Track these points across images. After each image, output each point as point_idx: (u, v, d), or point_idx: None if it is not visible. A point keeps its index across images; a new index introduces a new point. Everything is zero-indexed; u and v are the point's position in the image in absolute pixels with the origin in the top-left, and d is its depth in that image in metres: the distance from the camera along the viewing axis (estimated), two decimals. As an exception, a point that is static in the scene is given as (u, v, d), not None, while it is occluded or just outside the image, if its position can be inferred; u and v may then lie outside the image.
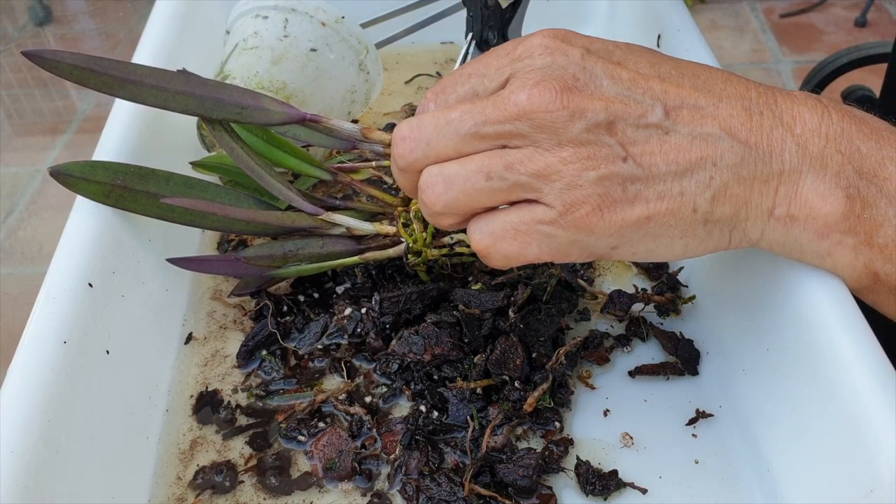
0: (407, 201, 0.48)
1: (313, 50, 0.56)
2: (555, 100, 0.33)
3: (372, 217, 0.49)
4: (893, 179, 0.35)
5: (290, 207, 0.48)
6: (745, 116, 0.35)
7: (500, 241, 0.35)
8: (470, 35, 0.53)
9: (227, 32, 0.60)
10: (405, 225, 0.47)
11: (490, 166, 0.34)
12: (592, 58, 0.35)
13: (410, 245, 0.47)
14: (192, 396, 0.47)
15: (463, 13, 0.62)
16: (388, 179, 0.51)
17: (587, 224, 0.34)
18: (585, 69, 0.34)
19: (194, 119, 0.55)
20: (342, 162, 0.56)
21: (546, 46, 0.35)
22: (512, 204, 0.35)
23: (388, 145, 0.49)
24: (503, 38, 0.54)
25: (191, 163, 0.51)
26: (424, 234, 0.47)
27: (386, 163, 0.49)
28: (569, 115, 0.33)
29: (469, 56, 0.54)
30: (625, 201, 0.34)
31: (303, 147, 0.50)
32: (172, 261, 0.48)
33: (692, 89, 0.35)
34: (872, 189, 0.35)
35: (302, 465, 0.43)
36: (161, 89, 0.45)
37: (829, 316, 0.37)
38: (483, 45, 0.53)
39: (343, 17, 0.57)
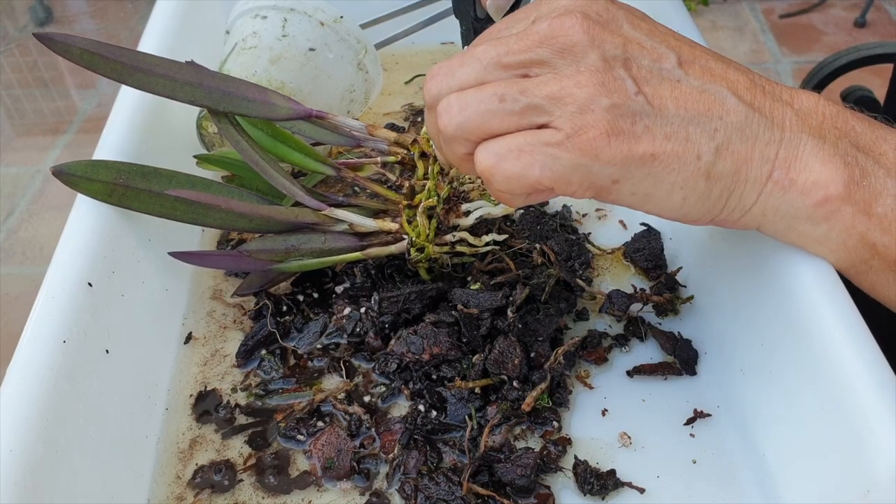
0: (410, 197, 0.48)
1: (312, 49, 0.56)
2: (576, 24, 0.35)
3: (375, 214, 0.49)
4: (889, 155, 0.36)
5: (294, 205, 0.48)
6: (750, 84, 0.37)
7: (504, 161, 0.35)
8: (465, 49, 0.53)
9: (227, 32, 0.60)
10: (408, 221, 0.47)
11: (505, 90, 0.35)
12: (615, 5, 0.37)
13: (414, 241, 0.47)
14: (191, 396, 0.47)
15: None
16: (392, 176, 0.51)
17: (593, 147, 0.34)
18: (609, 10, 0.36)
19: (195, 119, 0.55)
20: (346, 159, 0.56)
21: None
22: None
23: (393, 142, 0.49)
24: None
25: (195, 156, 0.51)
26: (428, 230, 0.47)
27: (390, 158, 0.49)
28: (589, 40, 0.35)
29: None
30: (632, 134, 0.34)
31: (312, 145, 0.50)
32: (175, 254, 0.48)
33: (703, 52, 0.37)
34: (870, 161, 0.36)
35: (301, 464, 0.43)
36: (170, 79, 0.45)
37: (827, 316, 0.37)
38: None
39: (342, 17, 0.57)
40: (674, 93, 0.35)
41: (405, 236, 0.47)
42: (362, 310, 0.49)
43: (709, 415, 0.44)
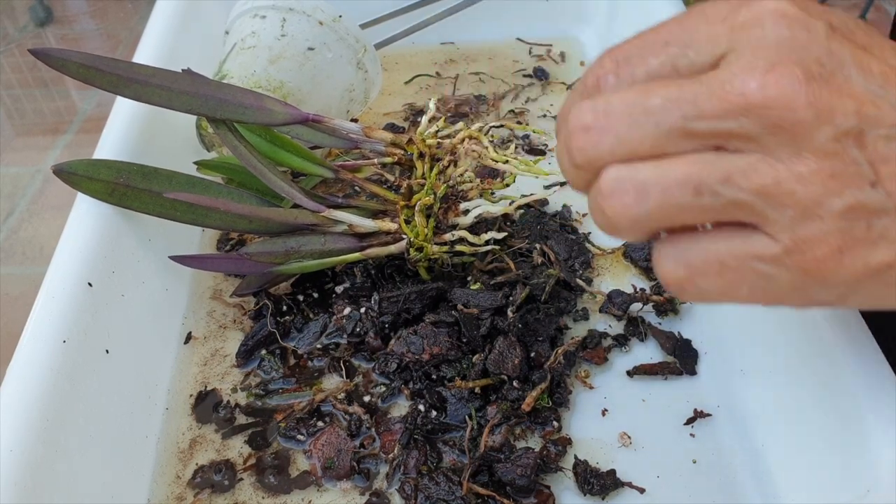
0: (409, 197, 0.48)
1: (311, 49, 0.56)
2: (799, 91, 0.25)
3: (374, 214, 0.49)
4: None
5: (293, 207, 0.48)
6: None
7: (701, 277, 0.27)
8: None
9: (227, 33, 0.60)
10: (406, 221, 0.47)
11: (701, 177, 0.26)
12: (838, 38, 0.26)
13: (413, 240, 0.47)
14: (191, 396, 0.47)
15: (463, 13, 0.62)
16: (390, 177, 0.52)
17: (821, 270, 0.26)
18: (832, 53, 0.26)
19: (193, 119, 0.55)
20: (344, 160, 0.56)
21: (782, 14, 0.26)
22: (717, 224, 0.27)
23: (390, 143, 0.49)
24: None
25: (195, 162, 0.51)
26: (426, 229, 0.47)
27: (387, 160, 0.49)
28: (815, 114, 0.25)
29: None
30: (868, 242, 0.26)
31: (311, 148, 0.50)
32: (175, 258, 0.48)
33: None
34: None
35: (301, 464, 0.43)
36: (165, 89, 0.45)
37: (827, 316, 0.37)
38: None
39: (340, 17, 0.57)
40: None
41: (404, 236, 0.47)
42: (362, 310, 0.49)
43: (709, 415, 0.44)
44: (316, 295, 0.51)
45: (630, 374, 0.47)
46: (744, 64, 0.26)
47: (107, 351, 0.42)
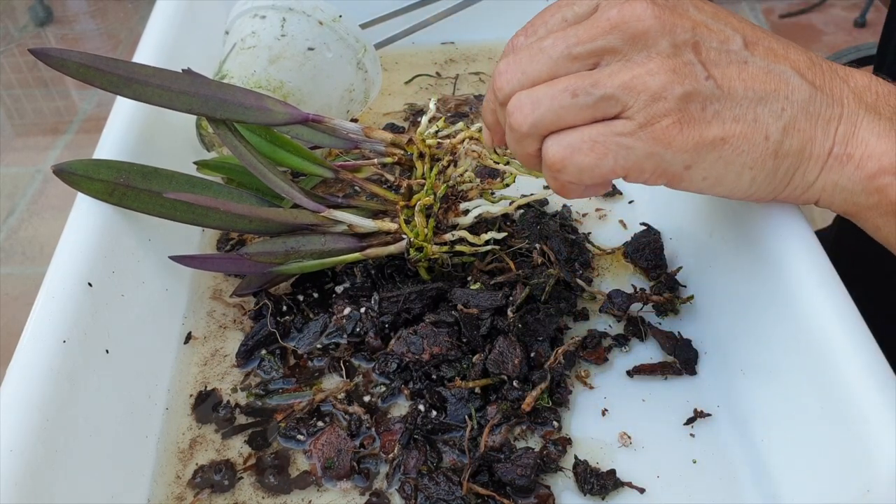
0: (409, 197, 0.48)
1: (311, 49, 0.56)
2: (647, 10, 0.35)
3: (374, 214, 0.49)
4: None
5: (293, 207, 0.48)
6: (810, 63, 0.37)
7: (577, 153, 0.35)
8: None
9: (227, 33, 0.60)
10: (406, 221, 0.47)
11: (577, 84, 0.35)
12: None
13: (412, 240, 0.47)
14: (191, 395, 0.47)
15: (463, 13, 0.62)
16: (390, 177, 0.52)
17: (666, 137, 0.35)
18: None
19: (193, 119, 0.55)
20: (344, 160, 0.56)
21: None
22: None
23: (390, 143, 0.49)
24: None
25: (195, 162, 0.51)
26: (426, 230, 0.47)
27: (387, 160, 0.49)
28: (660, 26, 0.35)
29: None
30: (703, 120, 0.35)
31: (311, 148, 0.50)
32: (175, 258, 0.48)
33: (764, 34, 0.38)
34: None
35: (301, 464, 0.43)
36: (165, 89, 0.45)
37: (827, 316, 0.37)
38: None
39: (340, 16, 0.57)
40: (741, 74, 0.35)
41: (404, 236, 0.47)
42: (362, 310, 0.49)
43: (709, 415, 0.44)
44: (316, 295, 0.51)
45: (630, 374, 0.47)
46: (609, 4, 0.36)
47: (107, 351, 0.42)
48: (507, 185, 0.48)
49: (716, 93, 0.35)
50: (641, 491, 0.41)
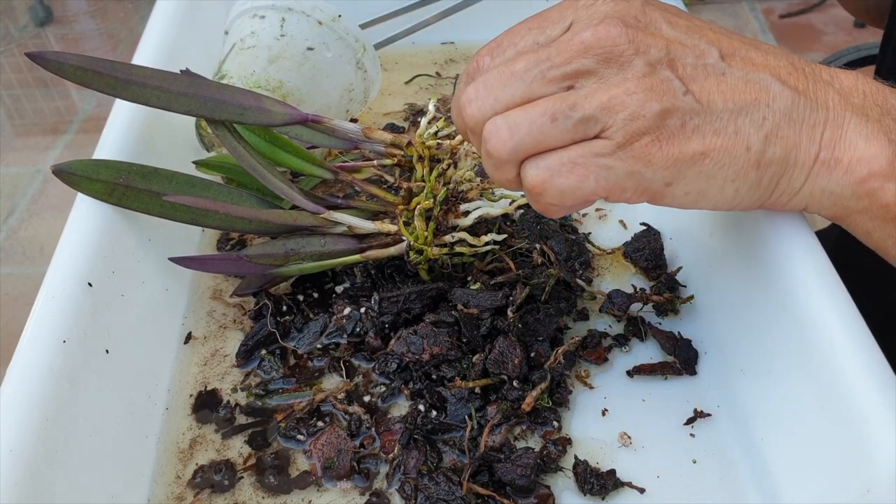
0: (408, 200, 0.48)
1: (310, 49, 0.56)
2: (620, 33, 0.34)
3: (373, 216, 0.49)
4: None
5: (293, 208, 0.48)
6: (791, 69, 0.37)
7: (557, 176, 0.35)
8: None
9: (226, 33, 0.60)
10: (406, 223, 0.47)
11: (555, 107, 0.34)
12: (651, 6, 0.36)
13: (412, 243, 0.47)
14: (191, 395, 0.47)
15: (463, 13, 0.62)
16: (390, 178, 0.51)
17: (645, 155, 0.34)
18: (646, 13, 0.36)
19: (193, 119, 0.55)
20: (344, 161, 0.56)
21: None
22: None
23: (389, 145, 0.49)
24: None
25: (194, 162, 0.51)
26: (426, 233, 0.47)
27: (387, 161, 0.49)
28: (634, 48, 0.34)
29: None
30: (682, 135, 0.35)
31: (308, 148, 0.50)
32: (175, 260, 0.48)
33: (741, 42, 0.37)
34: None
35: (301, 464, 0.43)
36: (164, 91, 0.45)
37: (827, 316, 0.37)
38: None
39: (340, 16, 0.57)
40: (720, 86, 0.35)
41: (404, 238, 0.47)
42: (362, 310, 0.49)
43: (709, 415, 0.44)
44: (316, 295, 0.51)
45: (630, 373, 0.47)
46: (581, 26, 0.35)
47: (107, 351, 0.42)
48: (507, 185, 0.48)
49: (695, 107, 0.35)
50: (641, 491, 0.41)
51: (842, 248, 0.61)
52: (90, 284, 0.42)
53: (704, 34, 0.37)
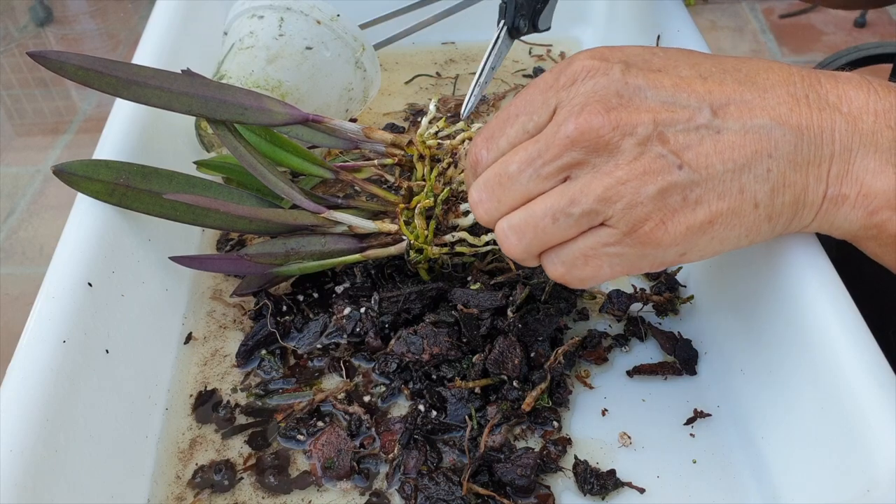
0: (409, 199, 0.48)
1: (309, 48, 0.56)
2: (602, 123, 0.34)
3: (374, 215, 0.49)
4: None
5: (293, 207, 0.48)
6: (793, 102, 0.35)
7: (574, 269, 0.36)
8: (502, 22, 0.54)
9: (225, 33, 0.60)
10: (406, 223, 0.47)
11: (554, 208, 0.35)
12: (633, 71, 0.35)
13: (412, 242, 0.47)
14: (191, 395, 0.47)
15: (463, 13, 0.62)
16: (390, 178, 0.52)
17: (652, 238, 0.34)
18: (627, 84, 0.35)
19: (193, 119, 0.55)
20: (344, 161, 0.56)
21: (587, 69, 0.35)
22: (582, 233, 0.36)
23: (390, 144, 0.49)
24: (534, 27, 0.54)
25: (195, 162, 0.51)
26: (426, 232, 0.47)
27: (388, 161, 0.49)
28: (620, 133, 0.34)
29: (499, 42, 0.54)
30: (686, 209, 0.34)
31: (308, 148, 0.50)
32: (175, 259, 0.48)
33: (736, 84, 0.35)
34: None
35: (301, 464, 0.43)
36: (165, 90, 0.45)
37: (827, 317, 0.37)
38: (514, 31, 0.54)
39: (338, 16, 0.57)
40: (717, 147, 0.34)
41: (404, 237, 0.47)
42: (362, 310, 0.49)
43: (709, 415, 0.44)
44: (316, 295, 0.51)
45: (630, 374, 0.47)
46: (564, 114, 0.35)
47: (107, 351, 0.42)
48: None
49: (693, 178, 0.34)
50: (641, 491, 0.41)
51: (843, 249, 0.61)
52: (90, 284, 0.42)
53: (693, 89, 0.35)
